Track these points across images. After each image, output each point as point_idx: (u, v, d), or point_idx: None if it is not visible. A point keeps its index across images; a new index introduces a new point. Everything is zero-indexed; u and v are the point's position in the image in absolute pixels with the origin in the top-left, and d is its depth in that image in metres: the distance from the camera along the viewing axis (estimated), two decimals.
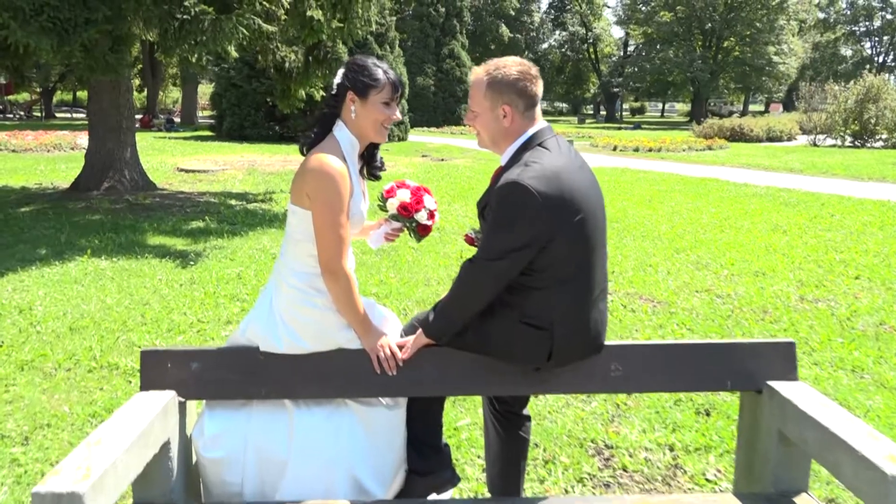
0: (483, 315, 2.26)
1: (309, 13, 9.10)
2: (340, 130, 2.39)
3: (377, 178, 2.57)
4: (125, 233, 8.29)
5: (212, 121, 31.23)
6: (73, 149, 20.18)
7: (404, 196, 2.51)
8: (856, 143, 28.47)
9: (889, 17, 66.05)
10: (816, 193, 13.11)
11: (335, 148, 2.34)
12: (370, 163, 2.54)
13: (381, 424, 2.42)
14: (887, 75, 36.23)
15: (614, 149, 25.29)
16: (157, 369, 2.35)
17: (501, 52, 62.65)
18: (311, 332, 2.35)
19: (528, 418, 2.68)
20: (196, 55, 8.31)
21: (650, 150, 24.23)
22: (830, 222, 9.94)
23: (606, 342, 2.37)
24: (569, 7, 65.19)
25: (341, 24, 9.31)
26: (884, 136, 28.20)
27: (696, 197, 12.41)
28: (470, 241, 2.54)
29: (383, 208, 2.60)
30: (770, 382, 2.36)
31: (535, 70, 2.30)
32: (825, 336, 5.11)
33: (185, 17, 8.10)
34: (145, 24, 8.55)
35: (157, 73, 45.37)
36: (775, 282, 6.64)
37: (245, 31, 8.14)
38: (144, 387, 2.35)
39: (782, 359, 2.40)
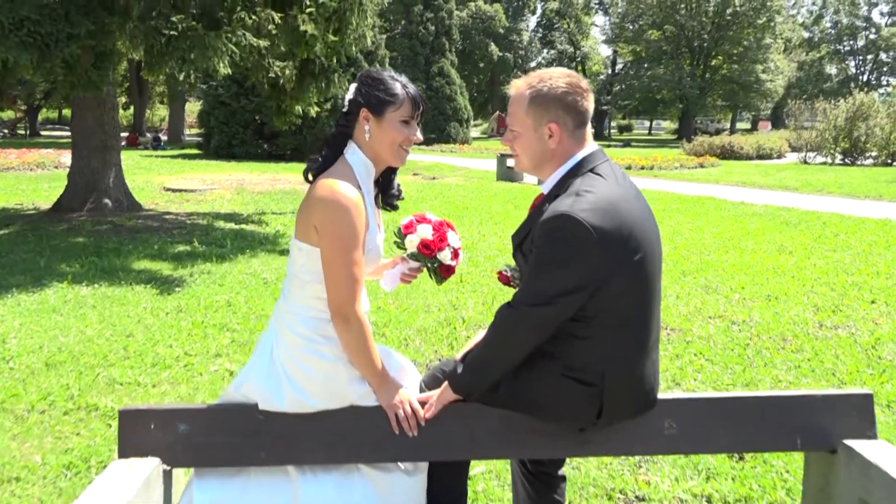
0: (520, 368, 1.95)
1: (302, 27, 8.81)
2: (353, 153, 2.09)
3: (394, 207, 2.26)
4: (108, 257, 7.91)
5: (199, 139, 30.88)
6: (56, 167, 19.76)
7: (426, 232, 2.20)
8: (846, 160, 28.49)
9: (872, 36, 66.91)
10: (816, 212, 12.93)
11: (347, 173, 2.03)
12: (386, 190, 2.23)
13: (399, 492, 2.09)
14: (873, 93, 36.49)
15: None
16: (139, 431, 2.02)
17: (491, 71, 62.77)
18: (319, 388, 2.03)
19: (564, 479, 2.36)
20: (184, 73, 7.98)
21: (642, 167, 24.09)
22: (836, 242, 9.71)
23: (659, 395, 2.06)
24: (557, 26, 65.60)
25: (336, 38, 9.03)
26: (874, 154, 28.22)
27: (694, 216, 12.18)
28: (504, 280, 2.22)
29: (401, 246, 2.28)
30: (847, 441, 2.05)
31: (584, 83, 2.01)
32: (853, 367, 4.83)
33: (171, 32, 7.80)
34: (131, 40, 8.23)
35: (145, 90, 45.05)
36: (790, 307, 6.37)
37: (234, 47, 7.85)
38: (123, 452, 2.01)
39: (858, 413, 2.10)
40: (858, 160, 28.35)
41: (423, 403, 2.05)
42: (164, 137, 38.64)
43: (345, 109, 2.12)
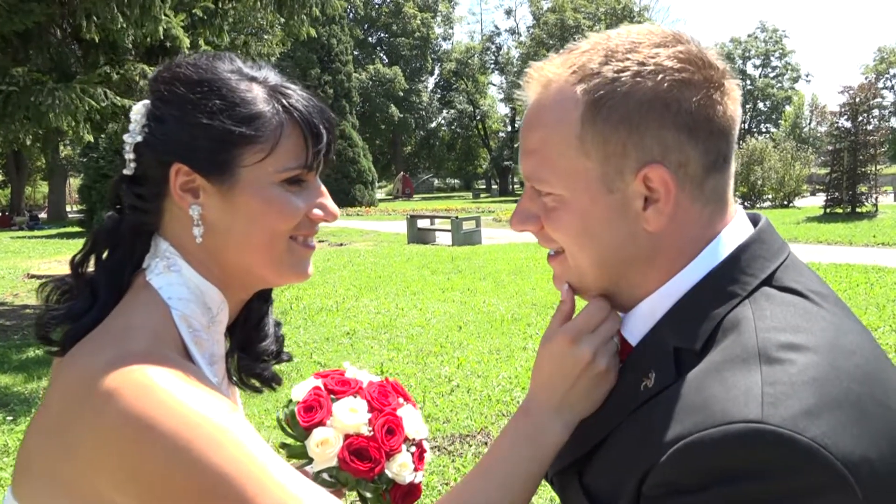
0: None
1: None
2: (168, 272, 0.85)
3: (272, 384, 1.02)
4: None
5: (82, 216, 28.41)
6: None
7: (351, 419, 0.96)
8: (745, 204, 29.23)
9: (749, 87, 71.25)
10: None
11: (151, 326, 0.80)
12: (250, 345, 0.98)
13: None
14: (753, 139, 38.39)
15: None
16: None
17: (392, 132, 62.48)
18: None
19: None
20: (30, 137, 6.51)
21: None
22: None
23: None
24: (455, 86, 66.36)
25: None
26: (770, 197, 29.15)
27: None
28: None
29: (297, 452, 1.02)
30: None
31: (713, 55, 0.81)
32: None
33: (11, 88, 6.34)
34: None
35: (23, 166, 41.81)
36: None
37: (93, 102, 6.45)
38: None
39: None
40: (757, 203, 29.18)
41: None
42: (43, 216, 35.69)
43: (128, 170, 0.89)
